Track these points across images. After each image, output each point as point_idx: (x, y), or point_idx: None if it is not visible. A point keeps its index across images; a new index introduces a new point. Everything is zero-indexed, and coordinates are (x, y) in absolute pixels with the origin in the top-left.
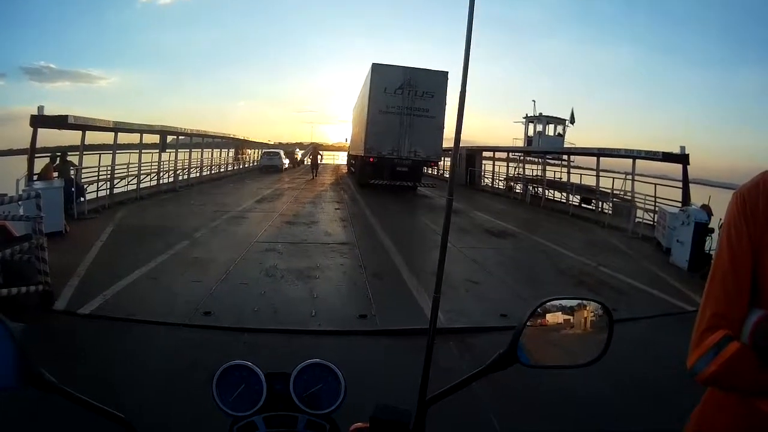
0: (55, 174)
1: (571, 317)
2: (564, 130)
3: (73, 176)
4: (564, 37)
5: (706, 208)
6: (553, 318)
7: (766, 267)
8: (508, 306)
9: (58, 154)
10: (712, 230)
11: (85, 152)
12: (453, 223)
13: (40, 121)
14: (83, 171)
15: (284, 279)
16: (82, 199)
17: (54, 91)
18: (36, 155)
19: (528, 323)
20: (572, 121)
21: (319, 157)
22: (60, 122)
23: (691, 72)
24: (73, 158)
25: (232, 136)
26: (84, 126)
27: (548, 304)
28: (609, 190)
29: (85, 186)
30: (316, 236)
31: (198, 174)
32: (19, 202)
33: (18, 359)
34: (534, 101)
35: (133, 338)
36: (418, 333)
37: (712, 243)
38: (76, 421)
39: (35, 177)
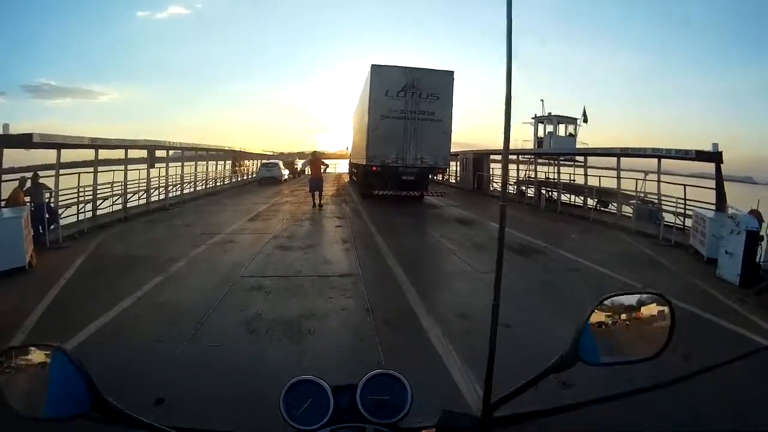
0: (27, 198)
1: (630, 313)
2: (576, 129)
3: (47, 200)
4: (566, 39)
5: (756, 213)
6: (613, 314)
7: None
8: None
9: (28, 177)
10: (761, 238)
11: (66, 172)
12: (466, 237)
13: (4, 141)
14: (62, 193)
15: (269, 335)
16: (54, 225)
17: (55, 108)
18: (5, 179)
19: (588, 322)
20: (585, 119)
21: (322, 168)
22: (25, 142)
23: (693, 72)
24: (50, 179)
25: (228, 148)
26: (59, 144)
27: (607, 301)
28: (633, 193)
29: (64, 209)
30: (313, 265)
31: (192, 189)
32: None
33: (83, 387)
34: (542, 101)
35: None
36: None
37: (762, 253)
38: None
39: (2, 203)
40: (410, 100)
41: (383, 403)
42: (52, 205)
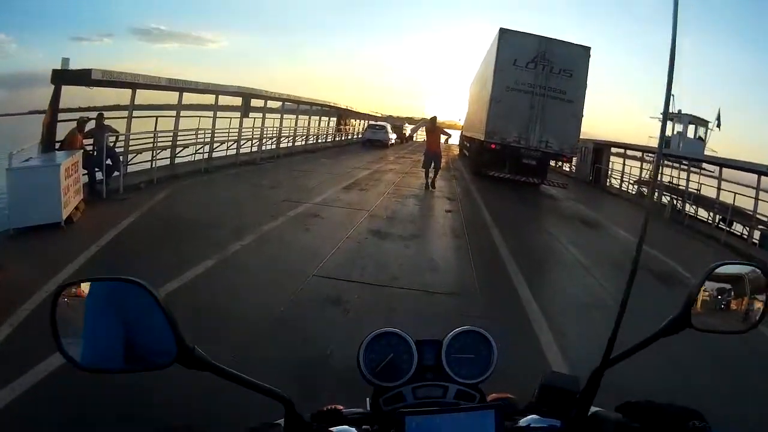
0: (88, 141)
1: (736, 283)
2: (707, 133)
3: (111, 144)
4: (707, 32)
5: None
6: (721, 283)
7: None
8: None
9: (92, 117)
10: None
11: (142, 114)
12: (596, 247)
13: (62, 77)
14: (136, 137)
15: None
16: (116, 173)
17: (161, 51)
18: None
19: (700, 288)
20: (718, 124)
21: (442, 138)
22: (83, 78)
23: None
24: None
25: (332, 104)
26: (131, 83)
27: (717, 269)
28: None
29: (135, 155)
30: (415, 269)
31: (290, 144)
32: None
33: (170, 335)
34: (673, 95)
35: None
36: None
37: None
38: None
39: (57, 145)
40: (540, 73)
41: (467, 362)
42: (118, 150)
